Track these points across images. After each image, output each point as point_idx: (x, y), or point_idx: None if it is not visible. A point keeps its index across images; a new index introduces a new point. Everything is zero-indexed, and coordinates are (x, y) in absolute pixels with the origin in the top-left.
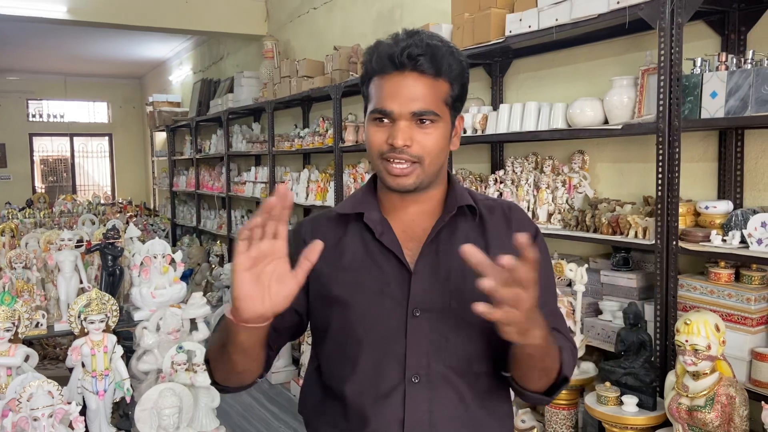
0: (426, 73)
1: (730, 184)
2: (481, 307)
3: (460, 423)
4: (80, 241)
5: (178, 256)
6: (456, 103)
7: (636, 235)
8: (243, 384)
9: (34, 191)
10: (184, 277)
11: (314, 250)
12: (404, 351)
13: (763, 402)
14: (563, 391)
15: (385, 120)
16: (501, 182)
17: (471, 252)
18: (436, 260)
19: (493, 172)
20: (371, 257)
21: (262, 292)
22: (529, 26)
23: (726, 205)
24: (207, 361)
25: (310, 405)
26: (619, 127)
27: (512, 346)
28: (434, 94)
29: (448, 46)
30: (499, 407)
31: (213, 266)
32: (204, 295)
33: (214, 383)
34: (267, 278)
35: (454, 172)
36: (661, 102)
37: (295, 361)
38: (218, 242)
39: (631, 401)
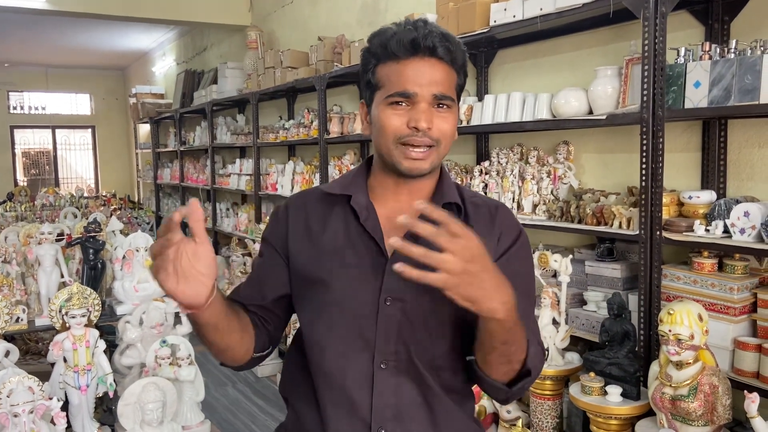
0: (444, 60)
1: (713, 174)
2: (399, 250)
3: (425, 410)
4: (61, 234)
5: None
6: (460, 92)
7: (620, 226)
8: (237, 360)
9: (15, 185)
10: None
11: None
12: (374, 337)
13: (745, 391)
14: (548, 382)
15: (404, 104)
16: (486, 173)
17: (421, 209)
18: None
19: (478, 163)
20: (352, 241)
21: (188, 279)
22: (514, 16)
23: (709, 195)
24: None
25: (288, 384)
26: (604, 117)
27: (477, 323)
28: (450, 81)
29: (455, 37)
30: (463, 401)
31: None
32: None
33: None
34: (186, 265)
35: None
36: (645, 92)
37: (282, 354)
38: None
39: (615, 391)
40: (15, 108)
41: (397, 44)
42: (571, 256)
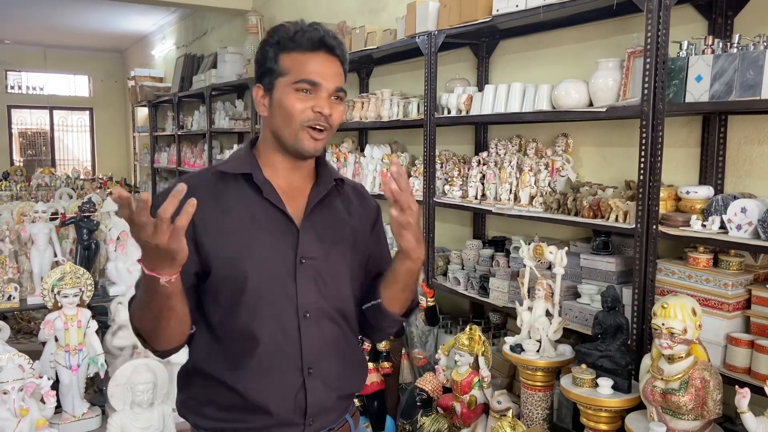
0: (340, 58)
1: (711, 169)
2: (394, 211)
3: (339, 348)
4: (55, 214)
5: None
6: None
7: (617, 219)
8: (184, 335)
9: (11, 165)
10: None
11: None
12: (295, 292)
13: (736, 386)
14: (540, 374)
15: (309, 92)
16: (484, 164)
17: (397, 173)
18: (316, 220)
19: (476, 153)
20: (258, 214)
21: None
22: (517, 5)
23: (707, 191)
24: (139, 334)
25: (198, 360)
26: (604, 109)
27: (396, 267)
28: (342, 76)
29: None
30: (360, 340)
31: None
32: None
33: (153, 351)
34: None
35: (437, 153)
36: (646, 85)
37: None
38: None
39: (606, 384)
40: (12, 87)
41: (305, 39)
42: (566, 248)
